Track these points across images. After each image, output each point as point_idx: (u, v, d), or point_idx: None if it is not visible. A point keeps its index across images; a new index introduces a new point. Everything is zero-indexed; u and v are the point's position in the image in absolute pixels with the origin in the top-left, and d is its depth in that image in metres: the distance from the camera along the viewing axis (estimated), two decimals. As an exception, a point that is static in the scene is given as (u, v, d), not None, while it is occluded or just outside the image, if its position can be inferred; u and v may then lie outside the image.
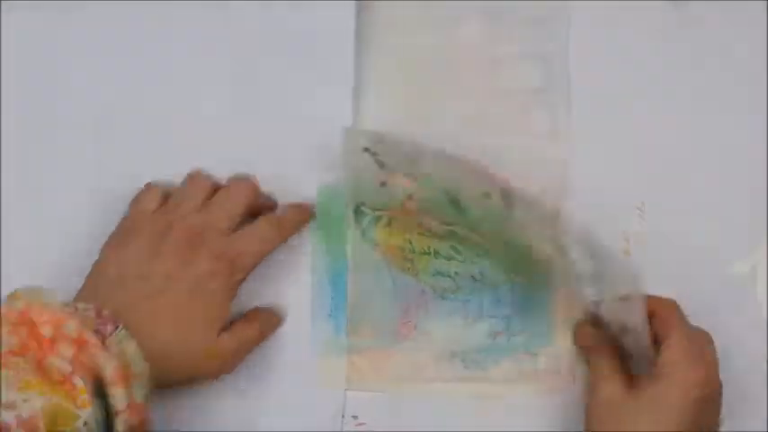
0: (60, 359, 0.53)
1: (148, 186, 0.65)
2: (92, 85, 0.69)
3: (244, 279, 0.62)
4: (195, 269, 0.60)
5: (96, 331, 0.55)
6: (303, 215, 0.66)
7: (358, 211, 0.67)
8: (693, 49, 0.69)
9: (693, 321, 0.65)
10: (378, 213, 0.67)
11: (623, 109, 0.68)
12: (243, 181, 0.64)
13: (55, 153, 0.68)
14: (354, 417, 0.64)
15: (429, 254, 0.66)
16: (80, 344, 0.54)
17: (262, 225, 0.63)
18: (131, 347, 0.56)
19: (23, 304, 0.55)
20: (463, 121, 0.68)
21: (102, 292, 0.59)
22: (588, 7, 0.69)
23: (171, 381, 0.60)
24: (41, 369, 0.53)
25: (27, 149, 0.68)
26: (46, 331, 0.54)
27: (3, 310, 0.54)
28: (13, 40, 0.69)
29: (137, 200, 0.65)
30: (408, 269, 0.66)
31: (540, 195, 0.65)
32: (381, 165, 0.64)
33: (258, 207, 0.65)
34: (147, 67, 0.69)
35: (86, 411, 0.53)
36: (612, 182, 0.67)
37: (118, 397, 0.54)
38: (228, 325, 0.61)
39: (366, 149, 0.64)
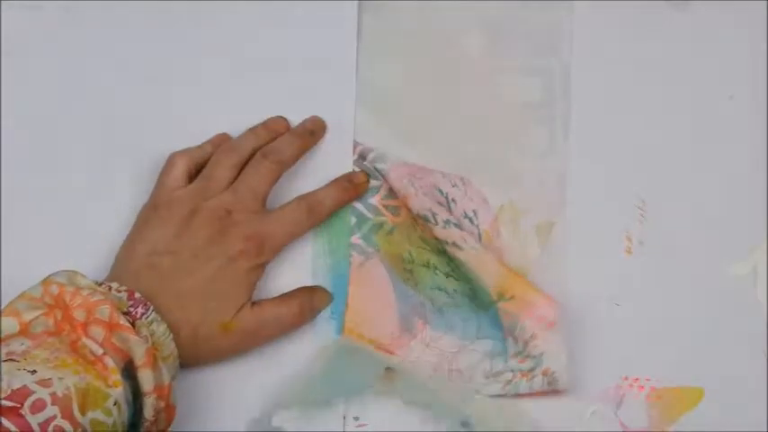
0: (92, 341, 0.54)
1: (173, 160, 0.65)
2: (92, 85, 0.69)
3: (270, 260, 0.63)
4: (225, 249, 0.61)
5: (127, 313, 0.57)
6: (339, 198, 0.66)
7: (359, 216, 0.67)
8: (693, 50, 0.69)
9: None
10: (380, 219, 0.67)
11: (624, 108, 0.68)
12: (270, 157, 0.64)
13: (55, 152, 0.68)
14: (356, 418, 0.64)
15: (428, 267, 0.66)
16: (111, 327, 0.55)
17: (293, 208, 0.64)
18: (161, 330, 0.58)
19: (57, 288, 0.56)
20: (462, 130, 0.68)
21: (132, 272, 0.60)
22: (589, 19, 0.69)
23: (197, 359, 0.61)
24: (75, 349, 0.54)
25: (27, 149, 0.68)
26: (79, 315, 0.55)
27: (39, 294, 0.56)
28: (13, 40, 0.69)
29: (164, 176, 0.65)
30: (408, 279, 0.66)
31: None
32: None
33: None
34: (147, 67, 0.69)
35: (117, 391, 0.53)
36: (613, 181, 0.67)
37: (146, 379, 0.55)
38: (257, 303, 0.62)
39: None
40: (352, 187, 0.66)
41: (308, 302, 0.64)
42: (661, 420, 0.64)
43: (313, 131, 0.67)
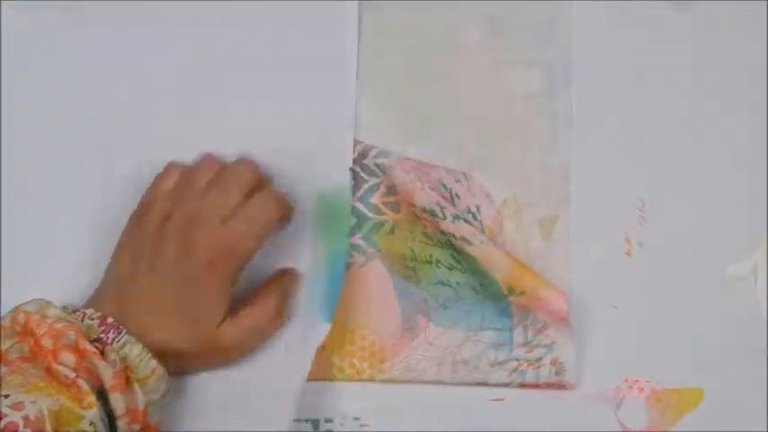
0: (64, 366, 0.54)
1: (168, 169, 0.65)
2: (92, 86, 0.69)
3: (245, 264, 0.61)
4: (192, 259, 0.60)
5: (98, 339, 0.57)
6: None
7: (360, 216, 0.67)
8: (694, 50, 0.69)
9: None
10: (380, 219, 0.67)
11: (624, 108, 0.68)
12: (242, 164, 0.63)
13: (55, 152, 0.68)
14: (356, 418, 0.64)
15: (431, 263, 0.66)
16: (79, 353, 0.55)
17: (257, 203, 0.62)
18: (135, 351, 0.57)
19: (24, 317, 0.56)
20: (463, 125, 0.68)
21: (112, 294, 0.60)
22: (589, 12, 0.69)
23: (186, 371, 0.62)
24: (50, 373, 0.54)
25: (28, 149, 0.68)
26: (46, 342, 0.55)
27: (9, 323, 0.56)
28: (12, 40, 0.69)
29: (155, 180, 0.65)
30: (410, 277, 0.66)
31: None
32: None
33: (259, 187, 0.63)
34: (148, 67, 0.69)
35: (92, 412, 0.53)
36: (613, 182, 0.67)
37: (117, 403, 0.55)
38: (234, 313, 0.62)
39: None
40: None
41: (283, 298, 0.64)
42: (661, 422, 0.64)
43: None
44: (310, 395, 0.64)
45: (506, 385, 0.64)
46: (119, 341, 0.57)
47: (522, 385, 0.64)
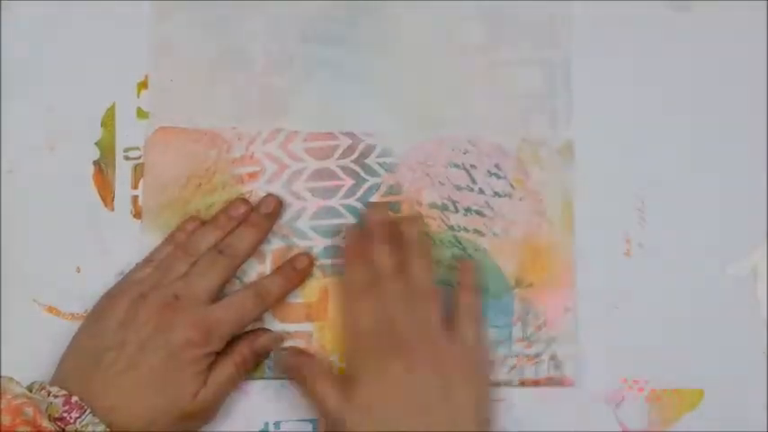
0: None
1: (144, 261, 0.65)
2: (91, 84, 0.69)
3: (220, 349, 0.62)
4: (170, 337, 0.60)
5: (60, 418, 0.56)
6: (288, 284, 0.65)
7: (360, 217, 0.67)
8: (694, 50, 0.69)
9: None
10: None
11: (624, 109, 0.68)
12: (225, 252, 0.64)
13: (55, 152, 0.68)
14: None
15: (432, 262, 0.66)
16: (36, 429, 0.54)
17: (242, 295, 0.63)
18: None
19: None
20: (464, 124, 0.68)
21: (78, 371, 0.60)
22: (589, 12, 0.69)
23: None
24: None
25: (27, 149, 0.68)
26: (4, 419, 0.54)
27: None
28: (12, 40, 0.69)
29: (131, 270, 0.65)
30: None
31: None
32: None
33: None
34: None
35: None
36: (613, 183, 0.67)
37: None
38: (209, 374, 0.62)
39: None
40: (296, 274, 0.66)
41: (249, 350, 0.64)
42: (661, 421, 0.64)
43: (269, 214, 0.66)
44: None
45: (506, 383, 0.64)
46: (82, 421, 0.57)
47: (522, 382, 0.65)
